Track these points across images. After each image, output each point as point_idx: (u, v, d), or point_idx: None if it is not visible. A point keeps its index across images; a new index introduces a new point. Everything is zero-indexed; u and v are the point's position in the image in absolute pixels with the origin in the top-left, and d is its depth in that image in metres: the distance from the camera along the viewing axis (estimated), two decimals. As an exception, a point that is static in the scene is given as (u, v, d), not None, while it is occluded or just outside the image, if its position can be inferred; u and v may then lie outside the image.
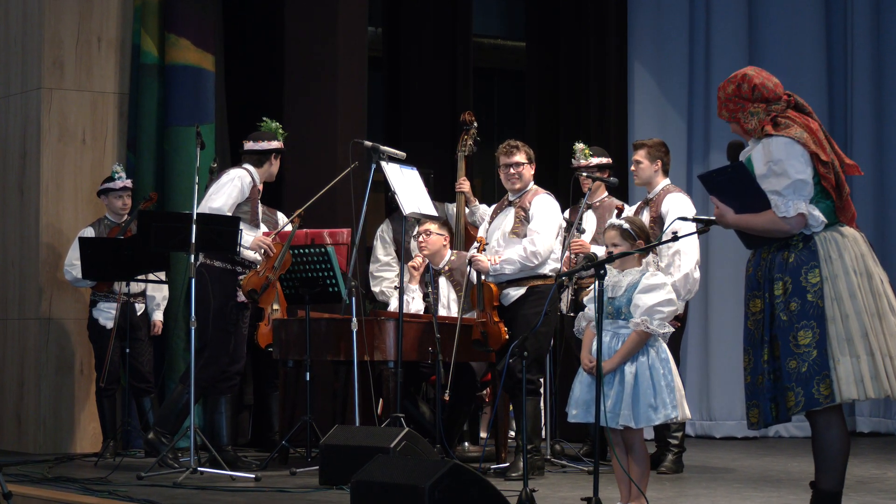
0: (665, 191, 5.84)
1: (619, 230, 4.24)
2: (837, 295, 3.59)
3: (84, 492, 4.81)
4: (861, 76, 7.92)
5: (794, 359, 3.57)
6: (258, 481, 5.18)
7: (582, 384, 4.18)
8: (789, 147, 3.62)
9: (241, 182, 5.74)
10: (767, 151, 3.64)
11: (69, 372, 6.70)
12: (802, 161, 3.61)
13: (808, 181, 3.61)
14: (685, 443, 5.85)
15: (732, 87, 3.72)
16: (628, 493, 4.13)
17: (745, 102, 3.70)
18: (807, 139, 3.63)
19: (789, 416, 3.61)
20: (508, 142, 5.67)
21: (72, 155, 6.77)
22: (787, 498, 4.78)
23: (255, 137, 5.91)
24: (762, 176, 3.63)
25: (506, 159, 5.62)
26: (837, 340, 3.56)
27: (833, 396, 3.54)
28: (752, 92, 3.69)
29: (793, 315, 3.59)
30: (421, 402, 6.22)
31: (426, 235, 6.14)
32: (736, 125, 3.75)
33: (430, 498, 3.54)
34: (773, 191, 3.60)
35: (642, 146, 5.90)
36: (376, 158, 5.55)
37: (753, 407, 3.68)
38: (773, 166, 3.61)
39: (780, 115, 3.69)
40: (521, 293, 5.54)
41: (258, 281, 5.68)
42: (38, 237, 6.70)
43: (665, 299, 4.12)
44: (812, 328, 3.56)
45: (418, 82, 8.50)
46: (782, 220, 3.59)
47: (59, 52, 6.76)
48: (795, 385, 3.55)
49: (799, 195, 3.60)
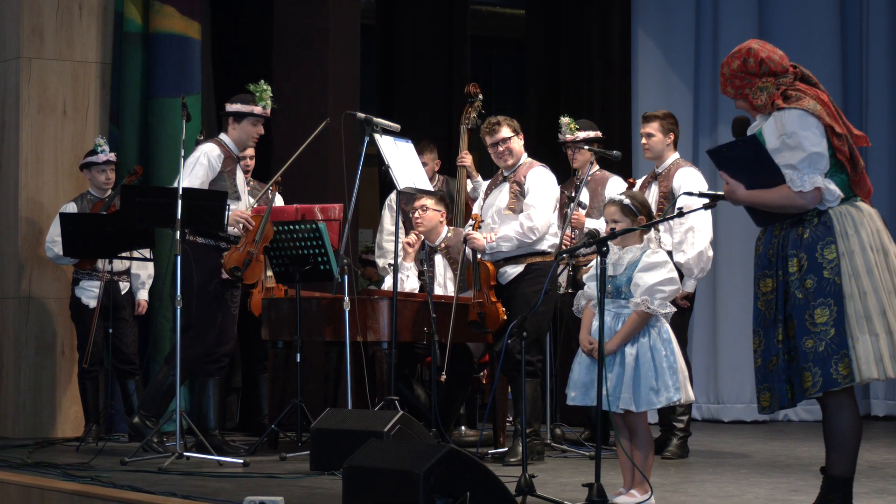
0: (676, 165, 5.77)
1: (620, 205, 4.17)
2: (855, 271, 3.51)
3: (65, 478, 4.74)
4: (877, 44, 7.78)
5: (810, 338, 3.49)
6: (247, 467, 5.13)
7: (581, 366, 4.12)
8: (803, 119, 3.54)
9: (208, 158, 5.62)
10: (780, 125, 3.57)
11: (50, 353, 6.62)
12: (817, 133, 3.54)
13: (823, 154, 3.54)
14: (691, 427, 5.80)
15: (738, 62, 3.64)
16: (631, 479, 4.09)
17: (753, 78, 3.63)
18: (820, 111, 3.56)
19: (805, 397, 3.52)
20: (489, 120, 5.58)
21: (52, 127, 6.69)
22: (797, 484, 4.71)
23: (232, 99, 5.80)
24: (775, 150, 3.55)
25: (490, 138, 5.53)
26: (856, 318, 3.49)
27: (852, 376, 3.46)
28: (759, 66, 3.62)
29: (808, 293, 3.52)
30: (416, 385, 6.17)
31: (422, 211, 6.04)
32: (743, 101, 3.67)
33: (425, 484, 3.48)
34: (788, 165, 3.53)
35: (654, 118, 5.81)
36: (369, 131, 5.50)
37: (765, 391, 3.61)
38: (787, 139, 3.54)
39: (790, 87, 3.61)
40: (518, 271, 5.46)
41: (239, 257, 5.61)
42: (17, 212, 6.62)
43: (666, 278, 4.06)
44: (829, 306, 3.49)
45: (413, 52, 8.47)
46: (798, 195, 3.52)
47: (38, 19, 6.67)
48: (812, 365, 3.48)
49: (814, 169, 3.52)
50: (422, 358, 6.13)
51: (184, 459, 5.11)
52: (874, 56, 7.79)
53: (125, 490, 4.35)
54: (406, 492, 3.49)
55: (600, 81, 7.96)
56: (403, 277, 5.99)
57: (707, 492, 4.53)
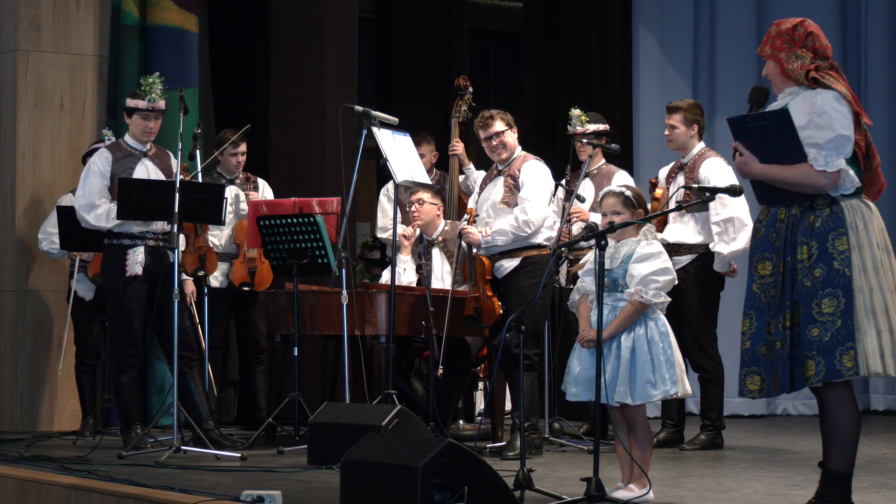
0: (701, 155, 5.69)
1: (621, 198, 4.13)
2: (864, 266, 3.50)
3: (62, 471, 4.72)
4: (875, 35, 7.75)
5: (816, 326, 3.46)
6: (244, 461, 5.10)
7: (580, 361, 4.08)
8: (838, 101, 3.53)
9: (97, 165, 5.50)
10: (811, 103, 3.54)
11: (47, 347, 6.59)
12: (848, 118, 3.52)
13: (851, 138, 3.52)
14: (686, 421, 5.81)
15: (788, 25, 3.63)
16: (630, 473, 4.06)
17: (794, 45, 3.60)
18: (852, 98, 3.55)
19: (806, 385, 3.49)
20: (482, 114, 5.55)
21: (49, 120, 6.66)
22: (795, 478, 4.68)
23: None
24: (800, 127, 3.51)
25: (484, 132, 5.50)
26: (864, 312, 3.47)
27: (857, 369, 3.44)
28: (806, 37, 3.60)
29: (817, 281, 3.49)
30: (414, 379, 6.15)
31: (419, 205, 6.01)
32: (774, 65, 3.63)
33: (424, 478, 3.45)
34: (814, 143, 3.49)
35: (678, 109, 5.74)
36: (367, 124, 5.47)
37: (753, 374, 3.58)
38: (817, 118, 3.51)
39: (825, 70, 3.59)
40: (514, 265, 5.43)
41: (192, 259, 5.70)
42: (15, 205, 6.59)
43: (661, 268, 4.03)
44: (837, 296, 3.46)
45: (410, 44, 8.45)
46: (820, 174, 3.48)
47: (35, 12, 6.64)
48: (817, 354, 3.45)
49: (840, 151, 3.50)
50: (420, 352, 6.11)
51: (181, 453, 5.08)
52: (872, 47, 7.74)
53: (122, 484, 4.33)
54: (404, 486, 3.46)
55: (600, 74, 7.93)
56: (401, 271, 5.96)
57: (705, 486, 4.51)
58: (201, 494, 3.99)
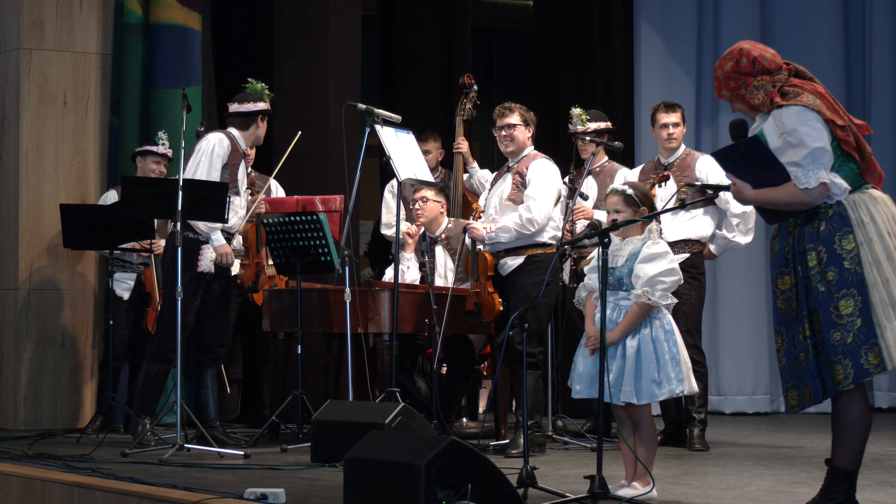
0: (689, 154, 5.76)
1: (623, 196, 4.13)
2: (875, 259, 3.49)
3: (66, 469, 4.72)
4: (880, 29, 7.73)
5: (837, 330, 3.47)
6: (247, 458, 5.10)
7: (585, 358, 4.09)
8: (802, 115, 3.53)
9: (220, 147, 5.55)
10: (780, 123, 3.55)
11: (51, 345, 6.58)
12: (818, 128, 3.52)
13: (826, 148, 3.52)
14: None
15: (730, 63, 3.63)
16: (633, 472, 4.06)
17: (747, 77, 3.62)
18: (820, 105, 3.54)
19: (839, 390, 3.48)
20: (504, 104, 5.58)
21: (53, 118, 6.64)
22: (800, 476, 4.69)
23: (239, 99, 5.75)
24: (778, 149, 3.54)
25: (499, 121, 5.53)
26: (882, 306, 3.47)
27: (884, 364, 3.44)
28: (753, 65, 3.61)
29: (831, 285, 3.50)
30: (417, 376, 6.14)
31: (422, 202, 6.01)
32: (740, 103, 3.66)
33: (427, 476, 3.45)
34: (793, 162, 3.51)
35: (678, 108, 5.80)
36: (370, 122, 5.47)
37: (792, 389, 3.58)
38: (789, 137, 3.52)
39: (786, 84, 3.60)
40: (519, 262, 5.43)
41: (250, 273, 5.80)
42: (18, 203, 6.57)
43: (667, 269, 4.03)
44: (853, 296, 3.47)
45: (414, 42, 8.44)
46: (804, 192, 3.50)
47: (38, 10, 6.63)
48: (843, 357, 3.45)
49: (819, 164, 3.50)
50: (423, 349, 6.11)
51: (185, 451, 5.08)
52: (877, 39, 7.71)
53: (126, 482, 4.33)
54: (407, 484, 3.46)
55: (602, 72, 7.92)
56: (404, 269, 5.97)
57: (709, 484, 4.52)
58: (205, 492, 3.99)
